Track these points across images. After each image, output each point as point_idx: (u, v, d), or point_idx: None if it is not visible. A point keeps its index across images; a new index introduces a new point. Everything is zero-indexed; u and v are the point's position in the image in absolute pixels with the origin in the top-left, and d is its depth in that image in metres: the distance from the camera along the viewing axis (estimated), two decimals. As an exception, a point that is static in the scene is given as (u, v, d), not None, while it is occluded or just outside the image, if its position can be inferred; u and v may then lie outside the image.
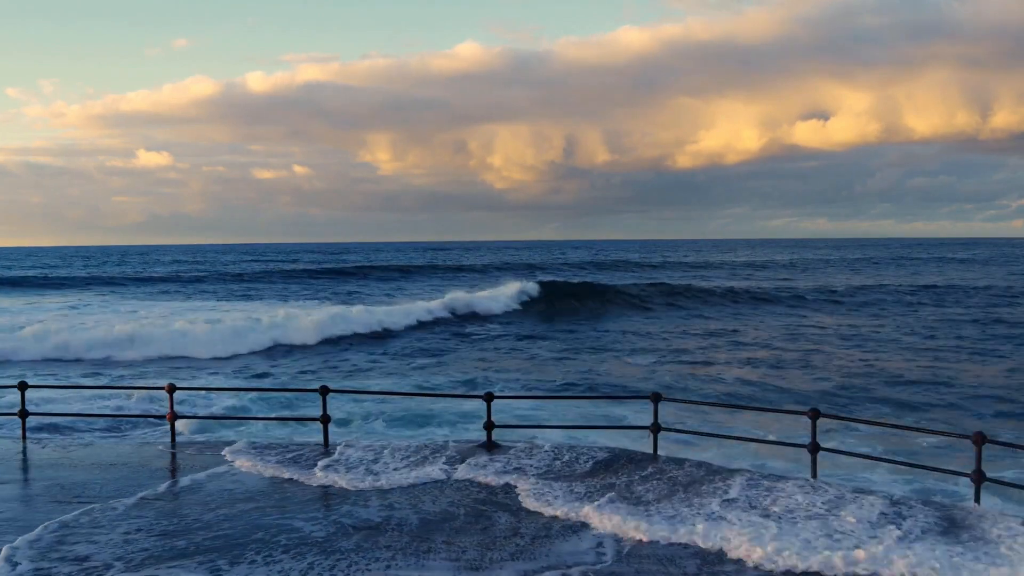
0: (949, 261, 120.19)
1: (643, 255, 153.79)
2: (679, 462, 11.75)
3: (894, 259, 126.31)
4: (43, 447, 13.44)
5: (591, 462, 11.82)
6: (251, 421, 17.72)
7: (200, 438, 15.61)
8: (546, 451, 12.37)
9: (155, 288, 68.82)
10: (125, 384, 24.24)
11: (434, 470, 11.44)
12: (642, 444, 13.22)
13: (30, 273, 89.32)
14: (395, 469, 11.60)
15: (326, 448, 12.87)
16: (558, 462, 11.84)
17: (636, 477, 11.05)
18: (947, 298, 55.64)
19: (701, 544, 8.52)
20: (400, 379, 26.42)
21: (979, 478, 9.70)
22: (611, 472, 11.37)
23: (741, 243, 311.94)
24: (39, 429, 16.71)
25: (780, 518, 9.09)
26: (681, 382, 25.37)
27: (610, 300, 51.69)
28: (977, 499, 9.82)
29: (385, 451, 12.48)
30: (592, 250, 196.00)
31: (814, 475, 10.97)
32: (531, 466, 11.62)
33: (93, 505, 10.01)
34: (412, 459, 12.04)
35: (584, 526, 9.24)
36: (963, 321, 41.92)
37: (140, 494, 10.51)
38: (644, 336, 37.70)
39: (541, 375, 26.98)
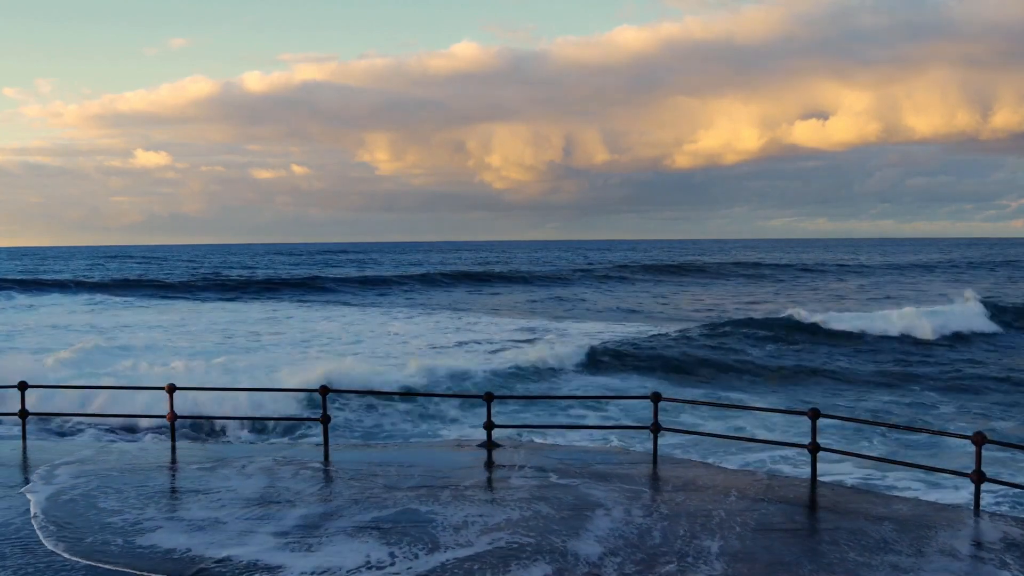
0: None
1: (765, 254, 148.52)
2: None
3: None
4: None
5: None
6: (251, 421, 17.71)
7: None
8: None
9: (351, 295, 64.45)
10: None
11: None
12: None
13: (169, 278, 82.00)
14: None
15: (326, 456, 12.82)
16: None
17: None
18: None
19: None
20: None
21: (979, 478, 9.70)
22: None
23: (797, 243, 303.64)
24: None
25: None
26: None
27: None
28: (977, 499, 9.82)
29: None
30: (675, 250, 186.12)
31: (814, 473, 10.95)
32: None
33: None
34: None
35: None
36: None
37: None
38: None
39: None
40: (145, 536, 8.86)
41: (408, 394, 19.66)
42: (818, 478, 10.97)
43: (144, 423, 18.34)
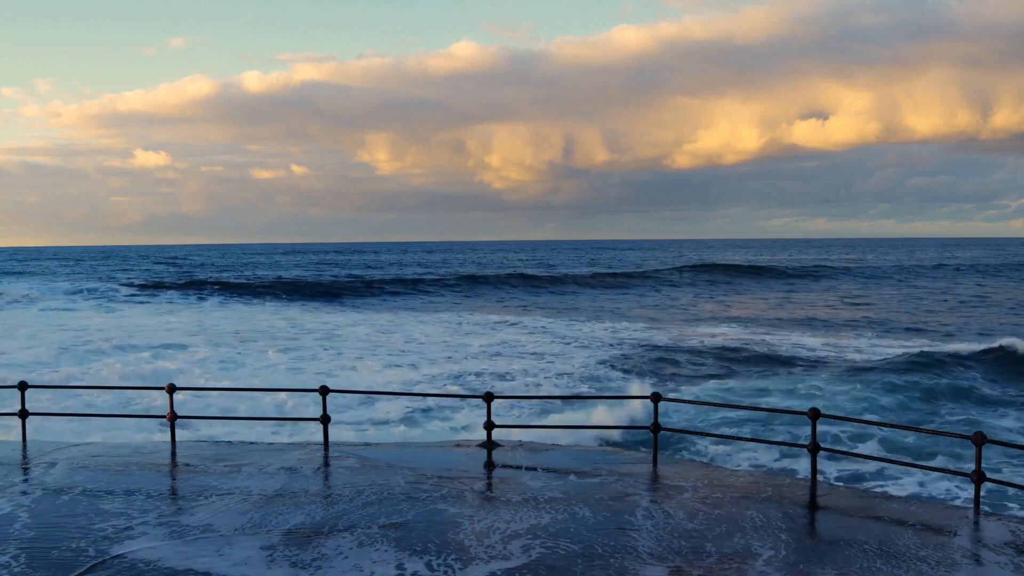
0: None
1: (831, 258, 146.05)
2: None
3: None
4: None
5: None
6: (252, 421, 17.72)
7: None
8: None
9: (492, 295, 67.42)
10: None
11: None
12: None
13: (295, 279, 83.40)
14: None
15: (326, 454, 12.80)
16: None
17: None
18: None
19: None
20: None
21: (979, 478, 9.70)
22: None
23: (799, 243, 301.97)
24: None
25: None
26: None
27: None
28: (977, 499, 9.83)
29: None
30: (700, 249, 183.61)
31: (814, 474, 10.95)
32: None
33: None
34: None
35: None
36: None
37: None
38: None
39: None
40: (123, 544, 8.43)
41: (408, 394, 19.66)
42: (818, 479, 10.98)
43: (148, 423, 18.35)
